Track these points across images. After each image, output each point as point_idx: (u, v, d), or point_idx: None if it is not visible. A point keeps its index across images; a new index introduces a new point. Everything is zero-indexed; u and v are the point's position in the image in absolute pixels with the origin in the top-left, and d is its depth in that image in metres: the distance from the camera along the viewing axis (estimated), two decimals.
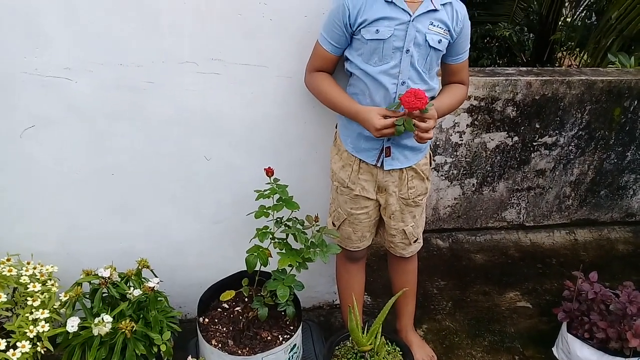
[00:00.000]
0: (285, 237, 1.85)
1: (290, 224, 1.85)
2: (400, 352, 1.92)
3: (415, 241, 1.98)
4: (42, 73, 1.75)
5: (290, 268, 1.80)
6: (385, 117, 1.64)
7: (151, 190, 2.02)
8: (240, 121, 1.95)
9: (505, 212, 2.99)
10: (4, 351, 1.60)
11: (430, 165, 1.92)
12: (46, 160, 1.89)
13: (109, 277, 1.75)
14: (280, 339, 1.87)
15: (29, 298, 1.73)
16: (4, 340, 1.60)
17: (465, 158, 2.80)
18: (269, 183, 1.84)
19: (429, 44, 1.65)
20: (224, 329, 1.89)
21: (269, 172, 1.83)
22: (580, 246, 2.99)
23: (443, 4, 1.66)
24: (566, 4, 5.96)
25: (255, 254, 1.80)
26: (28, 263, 1.85)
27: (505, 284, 2.64)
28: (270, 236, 1.83)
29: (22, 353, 1.60)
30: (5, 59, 1.72)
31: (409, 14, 1.62)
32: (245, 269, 1.81)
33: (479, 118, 2.72)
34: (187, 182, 2.03)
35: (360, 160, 1.82)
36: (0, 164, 1.87)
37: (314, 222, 1.84)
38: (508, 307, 2.49)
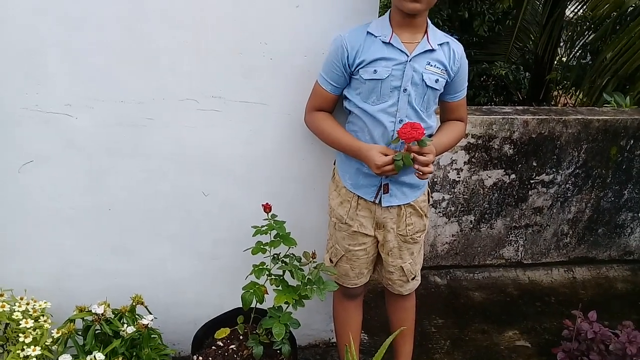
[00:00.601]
0: (282, 273, 1.84)
1: (287, 260, 1.84)
2: None
3: (413, 278, 1.97)
4: (42, 109, 1.77)
5: (287, 305, 1.78)
6: (385, 154, 1.65)
7: (148, 227, 2.01)
8: (239, 158, 1.96)
9: (503, 249, 2.98)
10: None
11: (428, 202, 1.92)
12: (43, 196, 1.89)
13: (102, 314, 1.73)
14: None
15: (21, 334, 1.70)
16: None
17: (463, 195, 2.81)
18: (266, 219, 1.83)
19: (425, 83, 1.67)
20: None
21: (267, 208, 1.83)
22: (578, 284, 2.97)
23: (440, 44, 1.69)
24: (561, 44, 6.06)
25: (251, 290, 1.79)
26: (21, 299, 1.83)
27: (504, 323, 2.61)
28: (267, 273, 1.81)
29: None
30: (6, 94, 1.74)
31: (406, 55, 1.65)
32: (241, 306, 1.80)
33: (476, 155, 2.74)
34: (184, 218, 2.02)
35: (358, 196, 1.83)
36: None
37: (311, 259, 1.83)
38: (507, 346, 2.46)
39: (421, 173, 1.65)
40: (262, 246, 1.82)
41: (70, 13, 1.68)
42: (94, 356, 1.62)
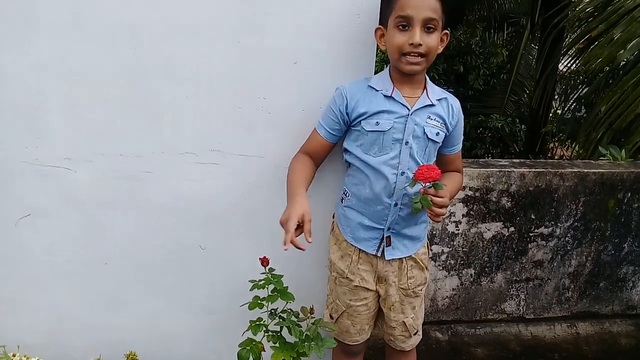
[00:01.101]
0: (279, 329, 1.80)
1: (284, 315, 1.80)
2: None
3: (415, 333, 1.93)
4: (42, 163, 1.79)
5: None
6: (299, 224, 1.58)
7: (143, 280, 1.99)
8: (236, 210, 1.96)
9: (504, 303, 2.94)
10: None
11: (428, 255, 1.91)
12: (39, 250, 1.88)
13: None
14: None
15: None
16: None
17: (462, 248, 2.79)
18: (263, 273, 1.81)
19: (427, 136, 1.69)
20: None
21: (264, 261, 1.81)
22: (582, 340, 2.92)
23: (439, 99, 1.72)
24: (556, 97, 6.18)
25: (248, 348, 1.75)
26: (14, 355, 1.79)
27: None
28: (264, 329, 1.78)
29: None
30: (5, 148, 1.76)
31: (408, 108, 1.67)
32: None
33: (474, 208, 2.73)
34: (180, 272, 2.00)
35: (359, 250, 1.82)
36: None
37: (309, 314, 1.79)
38: None
39: (435, 214, 1.64)
40: (259, 301, 1.79)
41: (71, 68, 1.72)
42: None
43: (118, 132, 1.80)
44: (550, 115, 6.19)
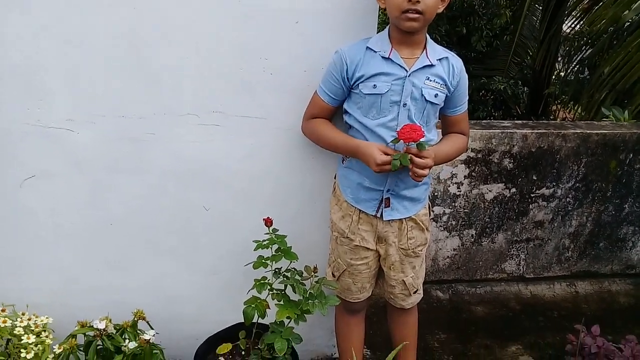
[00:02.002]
0: (283, 288, 1.84)
1: (288, 274, 1.83)
2: None
3: (415, 292, 1.96)
4: (44, 124, 1.78)
5: (289, 320, 1.78)
6: (386, 154, 1.65)
7: (148, 242, 2.01)
8: (239, 172, 1.97)
9: (504, 263, 2.97)
10: None
11: (430, 216, 1.92)
12: (43, 212, 1.90)
13: (104, 329, 1.72)
14: None
15: (22, 350, 1.70)
16: None
17: (464, 209, 2.81)
18: (267, 233, 1.83)
19: (425, 98, 1.68)
20: None
21: (268, 222, 1.83)
22: (581, 298, 2.96)
23: (439, 59, 1.70)
24: (559, 59, 6.11)
25: (253, 305, 1.78)
26: (23, 314, 1.83)
27: (507, 337, 2.59)
28: (269, 287, 1.81)
29: None
30: (7, 110, 1.75)
31: (405, 70, 1.66)
32: (243, 321, 1.79)
33: (476, 169, 2.74)
34: (184, 234, 2.02)
35: (360, 210, 1.83)
36: None
37: (312, 273, 1.83)
38: None
39: (415, 174, 1.65)
40: (263, 260, 1.82)
41: (70, 31, 1.70)
42: None
43: (119, 94, 1.79)
44: (553, 77, 6.12)
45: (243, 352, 1.92)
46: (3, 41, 1.68)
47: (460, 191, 2.77)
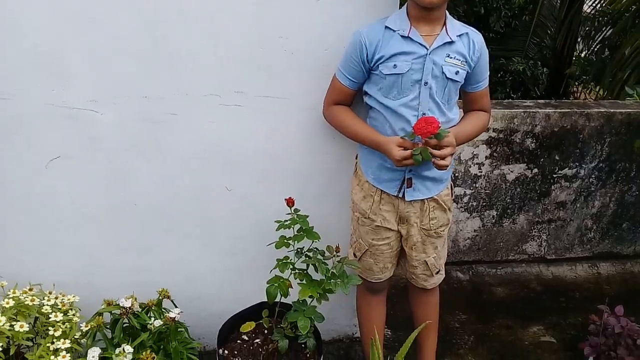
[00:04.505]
0: (305, 267, 1.84)
1: (310, 254, 1.84)
2: None
3: (437, 272, 1.96)
4: (69, 106, 1.79)
5: (311, 299, 1.79)
6: (405, 148, 1.64)
7: (171, 223, 2.03)
8: (261, 152, 1.97)
9: (526, 244, 2.95)
10: None
11: (451, 196, 1.91)
12: (68, 193, 1.92)
13: (130, 307, 1.75)
14: None
15: (50, 328, 1.73)
16: None
17: (485, 190, 2.79)
18: (289, 214, 1.84)
19: (446, 75, 1.66)
20: None
21: (290, 202, 1.83)
22: (603, 280, 2.94)
23: (459, 35, 1.68)
24: (579, 39, 6.00)
25: (276, 284, 1.79)
26: (50, 293, 1.86)
27: (528, 318, 2.59)
28: (291, 267, 1.82)
29: None
30: (32, 92, 1.76)
31: (426, 48, 1.64)
32: (265, 300, 1.81)
33: (497, 150, 2.72)
34: (207, 214, 2.04)
35: (381, 191, 1.82)
36: (24, 195, 1.90)
37: (334, 253, 1.83)
38: (532, 341, 2.44)
39: (437, 166, 1.64)
40: (285, 240, 1.83)
41: (92, 12, 1.70)
42: (123, 349, 1.63)
43: (141, 75, 1.80)
44: (574, 58, 6.02)
45: (266, 331, 1.94)
46: (27, 24, 1.69)
47: (481, 172, 2.75)
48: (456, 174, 2.72)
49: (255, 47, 1.82)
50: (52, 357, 1.64)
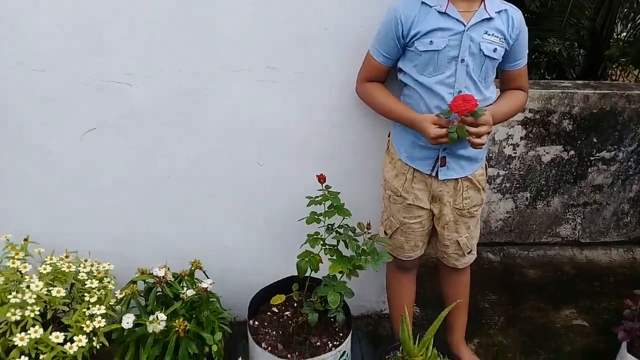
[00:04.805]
0: (336, 243, 1.84)
1: (341, 231, 1.84)
2: None
3: (469, 252, 1.94)
4: (104, 79, 1.82)
5: (341, 275, 1.79)
6: (440, 126, 1.62)
7: (204, 195, 2.05)
8: (293, 129, 1.97)
9: (559, 227, 2.90)
10: (62, 344, 1.63)
11: (485, 176, 1.88)
12: (104, 164, 1.95)
13: (163, 277, 1.77)
14: (330, 345, 1.85)
15: (86, 294, 1.77)
16: (62, 333, 1.63)
17: (519, 171, 2.74)
18: (320, 190, 1.83)
19: (483, 53, 1.63)
20: (274, 332, 1.89)
21: (321, 178, 1.83)
22: (638, 265, 2.87)
23: (498, 12, 1.64)
24: (617, 21, 5.81)
25: (306, 259, 1.80)
26: (85, 260, 1.90)
27: (560, 301, 2.55)
28: (321, 242, 1.82)
29: (79, 347, 1.63)
30: (69, 65, 1.79)
31: (463, 24, 1.60)
32: (295, 274, 1.82)
33: (533, 131, 2.66)
34: (239, 188, 2.05)
35: (414, 169, 1.81)
36: (63, 165, 1.94)
37: (365, 230, 1.82)
38: (564, 324, 2.41)
39: (473, 144, 1.62)
40: (316, 216, 1.83)
41: None
42: (157, 316, 1.66)
43: (175, 49, 1.81)
44: (612, 40, 5.84)
45: (295, 304, 1.96)
46: None
47: (515, 153, 2.70)
48: (490, 155, 2.68)
49: (289, 23, 1.81)
50: (88, 322, 1.69)
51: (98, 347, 1.70)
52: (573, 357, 2.23)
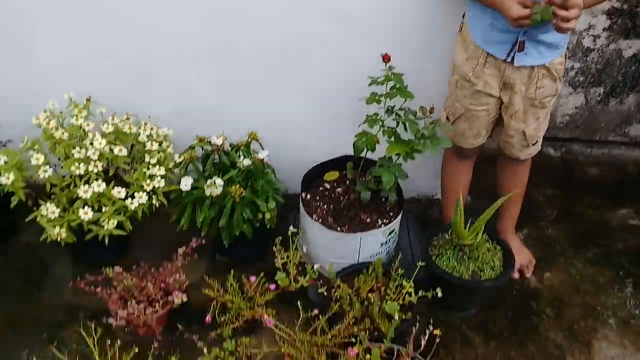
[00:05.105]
0: (395, 126, 1.80)
1: (402, 113, 1.79)
2: (501, 251, 1.89)
3: (534, 144, 1.87)
4: None
5: (397, 157, 1.77)
6: (525, 6, 1.49)
7: (264, 67, 2.02)
8: (360, 2, 1.86)
9: (630, 126, 2.75)
10: (123, 199, 1.71)
11: (564, 65, 1.75)
12: (166, 27, 1.92)
13: (221, 145, 1.80)
14: (380, 222, 1.88)
15: (146, 155, 1.82)
16: (124, 189, 1.71)
17: (596, 65, 2.55)
18: (383, 70, 1.76)
19: None
20: (325, 206, 1.93)
21: (386, 58, 1.75)
22: None
23: None
24: None
25: (364, 139, 1.78)
26: (145, 124, 1.93)
27: (619, 200, 2.47)
28: (380, 123, 1.79)
29: (140, 203, 1.71)
30: None
31: None
32: (350, 154, 1.81)
33: (618, 22, 2.43)
34: (300, 62, 2.00)
35: (487, 53, 1.69)
36: (126, 24, 1.92)
37: (427, 114, 1.76)
38: (619, 223, 2.36)
39: (558, 27, 1.48)
40: (377, 97, 1.78)
41: None
42: (214, 181, 1.70)
43: None
44: None
45: (348, 182, 1.97)
46: None
47: (595, 45, 2.50)
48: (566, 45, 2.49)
49: None
50: (148, 180, 1.75)
51: (157, 205, 1.78)
52: (624, 255, 2.21)
